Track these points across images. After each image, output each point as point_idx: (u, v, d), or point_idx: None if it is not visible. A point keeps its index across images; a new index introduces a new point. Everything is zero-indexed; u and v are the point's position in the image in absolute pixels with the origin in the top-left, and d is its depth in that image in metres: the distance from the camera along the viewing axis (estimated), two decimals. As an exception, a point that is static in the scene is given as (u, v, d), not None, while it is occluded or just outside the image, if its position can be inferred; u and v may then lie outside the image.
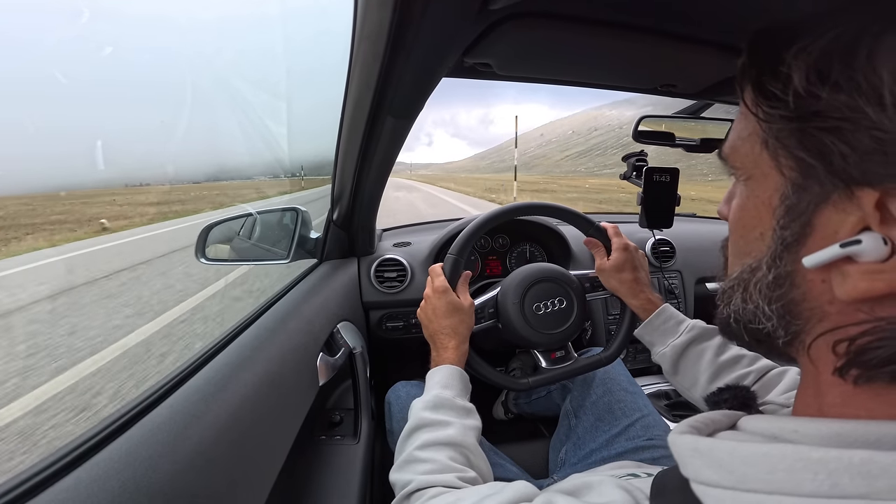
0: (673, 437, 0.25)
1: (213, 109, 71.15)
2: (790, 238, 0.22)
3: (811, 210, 0.21)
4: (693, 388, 0.58)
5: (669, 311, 0.64)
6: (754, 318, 0.25)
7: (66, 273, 5.03)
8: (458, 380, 0.58)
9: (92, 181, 32.72)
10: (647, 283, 0.69)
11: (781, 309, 0.23)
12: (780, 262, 0.23)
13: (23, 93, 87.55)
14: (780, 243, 0.23)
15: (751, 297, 0.24)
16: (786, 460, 0.19)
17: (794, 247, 0.22)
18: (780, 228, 0.23)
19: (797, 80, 0.20)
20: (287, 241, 0.90)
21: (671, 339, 0.61)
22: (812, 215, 0.21)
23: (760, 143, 0.23)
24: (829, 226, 0.21)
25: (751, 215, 0.25)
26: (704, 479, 0.22)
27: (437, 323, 0.63)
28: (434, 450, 0.48)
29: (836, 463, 0.18)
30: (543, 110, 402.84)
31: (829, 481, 0.18)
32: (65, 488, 0.29)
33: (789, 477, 0.19)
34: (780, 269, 0.23)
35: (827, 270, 0.21)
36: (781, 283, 0.23)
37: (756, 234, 0.24)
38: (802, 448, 0.19)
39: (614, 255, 0.69)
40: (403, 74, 0.45)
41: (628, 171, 0.89)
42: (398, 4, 0.34)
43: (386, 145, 0.64)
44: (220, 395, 0.43)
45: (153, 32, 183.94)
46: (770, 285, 0.23)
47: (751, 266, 0.25)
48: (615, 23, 0.44)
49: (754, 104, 0.23)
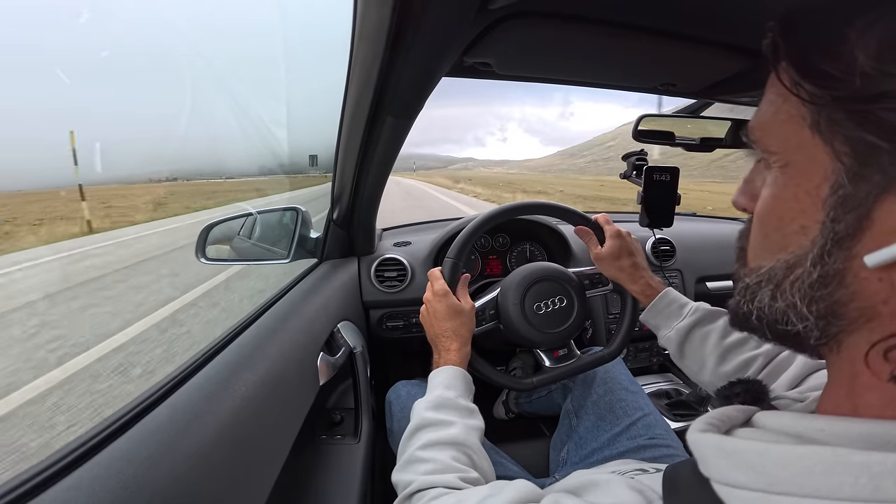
0: (693, 434, 0.24)
1: (212, 109, 71.06)
2: (843, 232, 0.20)
3: (871, 201, 0.19)
4: (701, 371, 0.58)
5: (672, 294, 0.64)
6: (784, 319, 0.22)
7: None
8: (461, 380, 0.58)
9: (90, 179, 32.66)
10: (645, 267, 0.69)
11: (824, 310, 0.21)
12: (829, 258, 0.20)
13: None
14: (831, 237, 0.20)
15: (783, 295, 0.22)
16: (823, 463, 0.18)
17: (847, 242, 0.20)
18: (831, 221, 0.20)
19: (862, 59, 0.19)
20: (287, 240, 0.90)
21: (676, 322, 0.61)
22: (871, 207, 0.19)
23: (809, 126, 0.21)
24: (891, 218, 0.19)
25: (789, 206, 0.23)
26: (731, 480, 0.21)
27: (439, 326, 0.64)
28: (436, 450, 0.48)
29: (880, 466, 0.17)
30: (617, 110, 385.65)
31: (871, 485, 0.17)
32: (66, 488, 0.29)
33: (827, 480, 0.18)
34: (829, 266, 0.20)
35: (888, 269, 0.19)
36: (827, 282, 0.21)
37: (795, 226, 0.22)
38: (841, 451, 0.18)
39: (609, 243, 0.70)
40: (403, 74, 0.45)
41: (628, 171, 0.88)
42: (398, 4, 0.34)
43: (386, 145, 0.64)
44: (220, 395, 0.44)
45: (152, 31, 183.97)
46: (813, 284, 0.21)
47: (787, 262, 0.22)
48: (615, 22, 0.44)
49: (794, 84, 0.21)
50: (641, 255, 0.70)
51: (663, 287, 0.66)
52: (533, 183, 34.75)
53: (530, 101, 21.44)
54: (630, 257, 0.68)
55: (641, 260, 0.69)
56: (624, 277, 0.69)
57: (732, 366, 0.54)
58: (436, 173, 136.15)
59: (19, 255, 6.58)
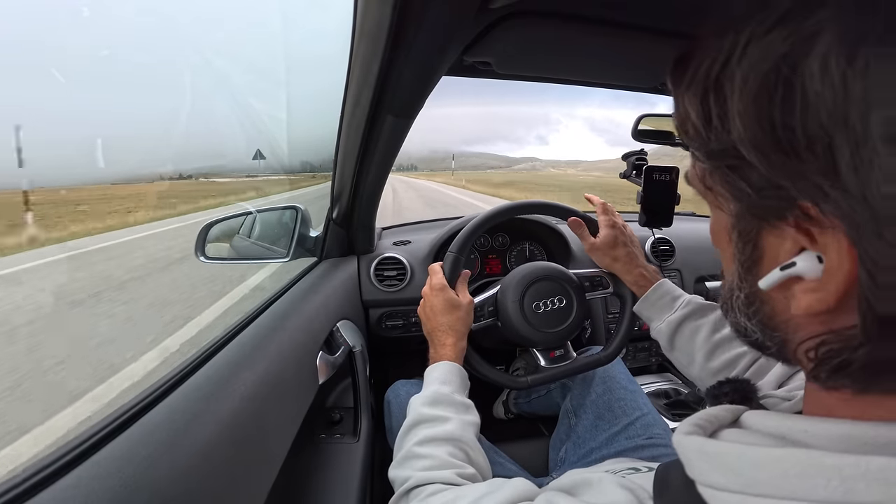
0: (678, 437, 0.25)
1: (212, 108, 70.82)
2: (748, 262, 0.23)
3: (755, 235, 0.22)
4: (690, 365, 0.58)
5: (667, 286, 0.64)
6: (744, 331, 0.26)
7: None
8: (457, 376, 0.58)
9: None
10: (640, 256, 0.69)
11: (759, 324, 0.24)
12: (745, 282, 0.24)
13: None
14: (741, 266, 0.24)
15: (734, 313, 0.26)
16: (798, 465, 0.19)
17: (753, 269, 0.23)
18: (739, 252, 0.23)
19: (694, 115, 0.21)
20: (287, 239, 0.90)
21: (667, 315, 0.61)
22: (756, 240, 0.22)
23: (700, 180, 0.24)
24: (773, 249, 0.21)
25: (718, 238, 0.26)
26: (712, 482, 0.21)
27: (435, 320, 0.64)
28: (433, 445, 0.48)
29: (852, 469, 0.17)
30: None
31: (842, 487, 0.17)
32: (65, 486, 0.29)
33: (801, 482, 0.18)
34: (746, 289, 0.24)
35: (782, 289, 0.22)
36: (752, 301, 0.24)
37: (727, 255, 0.25)
38: (815, 453, 0.19)
39: (604, 232, 0.70)
40: (403, 72, 0.45)
41: (628, 170, 0.88)
42: (398, 2, 0.34)
43: (386, 144, 0.64)
44: (219, 394, 0.43)
45: (149, 29, 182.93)
46: (744, 303, 0.24)
47: (729, 284, 0.26)
48: (614, 22, 0.44)
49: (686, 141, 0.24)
50: (638, 247, 0.70)
51: (658, 278, 0.66)
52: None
53: (595, 103, 19.68)
54: (625, 247, 0.69)
55: (636, 250, 0.69)
56: (619, 267, 0.69)
57: (720, 361, 0.54)
58: (493, 174, 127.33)
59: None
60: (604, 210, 0.72)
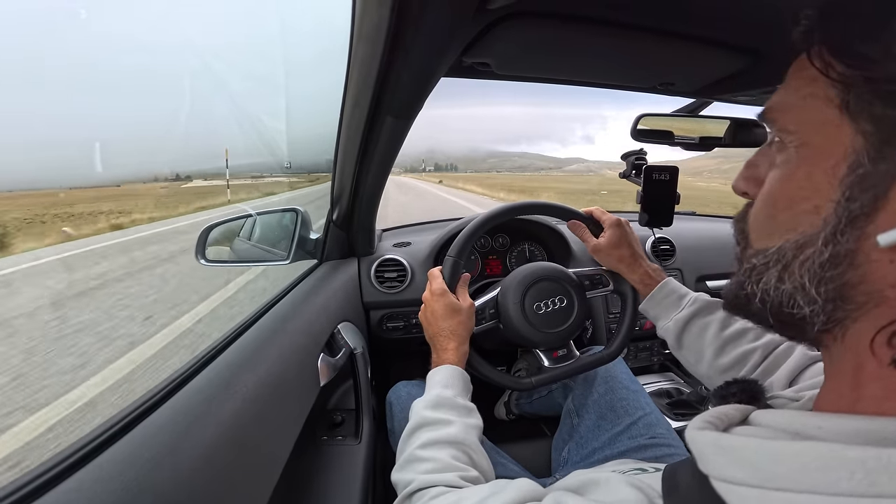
0: (691, 432, 0.24)
1: (211, 109, 70.83)
2: (858, 211, 0.20)
3: (888, 181, 0.19)
4: (699, 363, 0.58)
5: (672, 284, 0.64)
6: (790, 301, 0.22)
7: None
8: (459, 379, 0.58)
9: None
10: (643, 255, 0.69)
11: (833, 291, 0.21)
12: (842, 237, 0.20)
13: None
14: (846, 217, 0.20)
15: (792, 276, 0.22)
16: (820, 459, 0.18)
17: (861, 221, 0.20)
18: (847, 200, 0.20)
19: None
20: (287, 241, 0.90)
21: (674, 313, 0.61)
22: (889, 186, 0.19)
23: (837, 106, 0.21)
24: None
25: (801, 186, 0.23)
26: (728, 476, 0.21)
27: (437, 325, 0.63)
28: (436, 448, 0.48)
29: (875, 462, 0.17)
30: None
31: (867, 480, 0.17)
32: (68, 490, 0.29)
33: (823, 476, 0.18)
34: (841, 245, 0.20)
35: (893, 251, 0.19)
36: (838, 262, 0.20)
37: (807, 206, 0.22)
38: (837, 446, 0.18)
39: (608, 233, 0.70)
40: (402, 74, 0.45)
41: (627, 170, 0.88)
42: (396, 4, 0.34)
43: (385, 145, 0.64)
44: (221, 396, 0.43)
45: (148, 29, 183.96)
46: (824, 264, 0.21)
47: (797, 242, 0.22)
48: (613, 22, 0.44)
49: (826, 66, 0.21)
50: (640, 245, 0.70)
51: (663, 277, 0.66)
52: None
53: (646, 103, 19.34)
54: (629, 247, 0.68)
55: (640, 248, 0.69)
56: (623, 267, 0.69)
57: (730, 358, 0.54)
58: (546, 175, 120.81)
59: None
60: (603, 212, 0.72)
